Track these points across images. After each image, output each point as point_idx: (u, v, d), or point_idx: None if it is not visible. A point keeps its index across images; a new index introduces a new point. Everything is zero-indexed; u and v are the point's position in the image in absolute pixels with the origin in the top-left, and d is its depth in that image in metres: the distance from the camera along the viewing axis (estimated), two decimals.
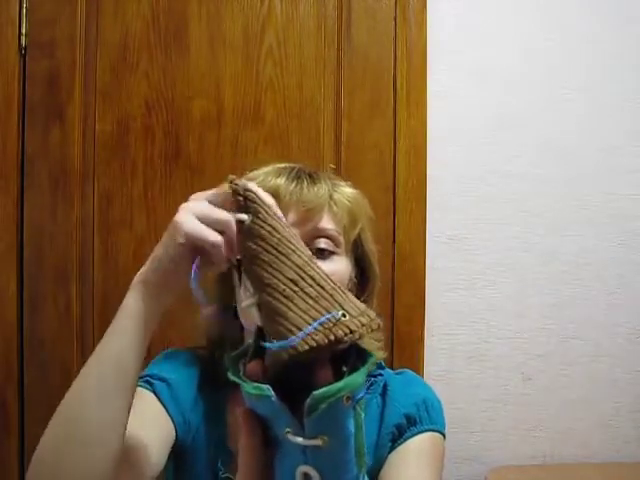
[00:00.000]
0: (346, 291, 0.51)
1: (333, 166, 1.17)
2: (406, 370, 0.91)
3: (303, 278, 0.49)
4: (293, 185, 0.76)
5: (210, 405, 0.81)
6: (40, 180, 1.30)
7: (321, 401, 0.43)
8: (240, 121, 1.31)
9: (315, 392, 0.43)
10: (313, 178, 0.78)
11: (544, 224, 1.33)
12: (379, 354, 0.83)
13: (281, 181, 0.76)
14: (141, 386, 0.79)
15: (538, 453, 1.33)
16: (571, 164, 1.34)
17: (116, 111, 1.30)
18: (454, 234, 1.32)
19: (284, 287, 0.48)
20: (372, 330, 0.48)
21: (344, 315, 0.47)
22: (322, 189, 0.77)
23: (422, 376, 1.27)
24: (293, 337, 0.46)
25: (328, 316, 0.47)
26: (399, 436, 0.80)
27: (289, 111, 1.31)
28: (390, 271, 1.28)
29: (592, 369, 1.34)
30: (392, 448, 0.79)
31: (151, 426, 0.73)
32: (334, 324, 0.46)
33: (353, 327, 0.47)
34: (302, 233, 0.73)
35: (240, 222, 0.52)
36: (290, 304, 0.47)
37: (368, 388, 0.83)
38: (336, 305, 0.48)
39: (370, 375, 0.85)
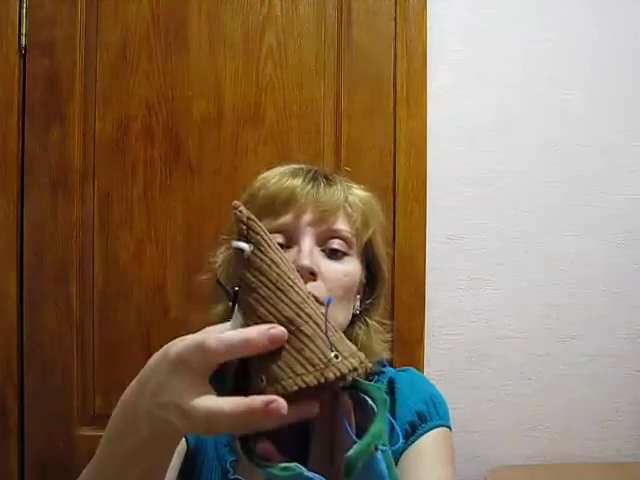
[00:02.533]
0: (338, 329, 0.50)
1: (349, 169, 1.17)
2: (410, 368, 0.92)
3: (300, 316, 0.48)
4: (309, 186, 0.77)
5: None
6: (40, 180, 1.30)
7: (356, 461, 0.44)
8: (240, 121, 1.31)
9: (348, 455, 0.44)
10: (329, 180, 0.79)
11: (544, 224, 1.33)
12: (385, 354, 0.84)
13: (297, 182, 0.77)
14: None
15: (538, 453, 1.33)
16: (571, 164, 1.34)
17: (116, 111, 1.30)
18: (454, 234, 1.32)
19: (280, 324, 0.48)
20: (361, 374, 0.48)
21: (336, 356, 0.47)
22: (338, 191, 0.78)
23: None
24: (283, 376, 0.45)
25: (321, 356, 0.46)
26: (412, 433, 0.81)
27: (289, 111, 1.31)
28: (390, 271, 1.27)
29: (592, 369, 1.34)
30: (406, 445, 0.80)
31: None
32: (326, 365, 0.46)
33: (344, 370, 0.46)
34: (317, 233, 0.75)
35: (240, 250, 0.51)
36: (285, 343, 0.47)
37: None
38: (329, 345, 0.47)
39: (373, 373, 0.86)
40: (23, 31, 1.29)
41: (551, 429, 1.33)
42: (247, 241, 0.51)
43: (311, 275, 0.72)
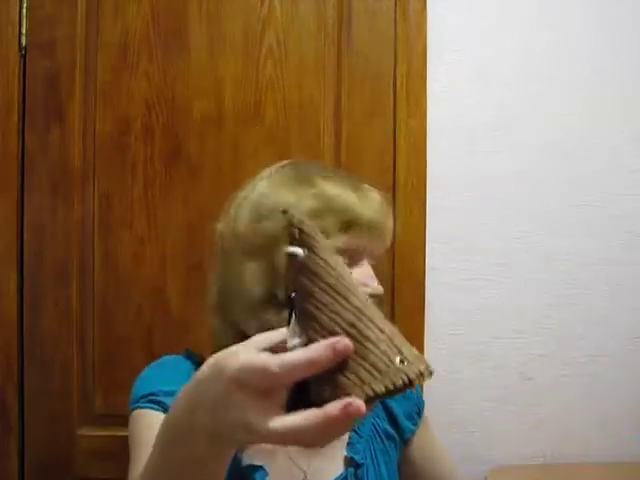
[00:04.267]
0: (400, 334, 0.47)
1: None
2: None
3: (362, 320, 0.45)
4: (383, 217, 0.80)
5: None
6: (40, 180, 1.30)
7: None
8: (240, 121, 1.31)
9: None
10: (389, 206, 0.83)
11: (544, 224, 1.33)
12: None
13: (382, 217, 0.80)
14: (148, 408, 0.78)
15: (538, 453, 1.33)
16: (571, 164, 1.33)
17: (116, 111, 1.30)
18: (454, 234, 1.32)
19: (342, 331, 0.45)
20: (429, 377, 0.45)
21: (402, 361, 0.44)
22: (391, 221, 0.83)
23: None
24: (350, 384, 0.43)
25: (387, 362, 0.44)
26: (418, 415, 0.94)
27: (289, 111, 1.31)
28: (390, 271, 1.28)
29: (592, 369, 1.33)
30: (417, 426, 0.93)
31: None
32: (393, 371, 0.43)
33: (412, 375, 0.43)
34: (374, 257, 0.82)
35: (293, 256, 0.49)
36: None
37: None
38: (395, 349, 0.44)
39: None
40: (23, 31, 1.29)
41: (551, 429, 1.33)
42: (300, 245, 0.49)
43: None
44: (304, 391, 0.45)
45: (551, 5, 1.34)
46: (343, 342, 0.43)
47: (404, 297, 1.29)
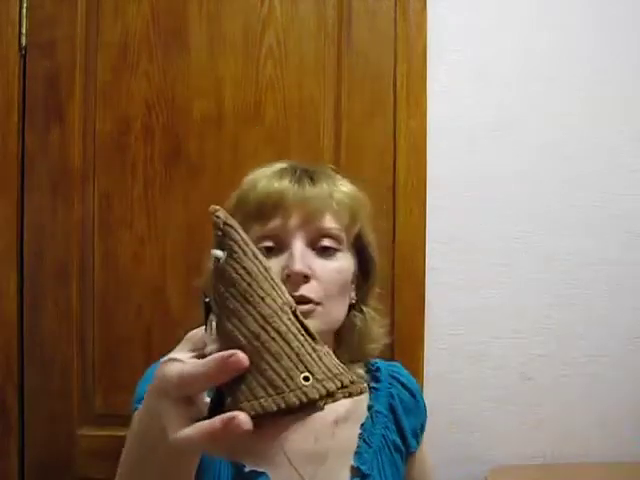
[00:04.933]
0: (320, 348, 0.45)
1: (332, 166, 1.17)
2: (396, 364, 0.97)
3: (267, 331, 0.43)
4: (295, 188, 0.78)
5: None
6: (40, 180, 1.30)
7: None
8: (240, 121, 1.31)
9: None
10: (314, 179, 0.80)
11: (544, 224, 1.33)
12: (383, 340, 0.88)
13: (284, 184, 0.78)
14: None
15: (538, 453, 1.33)
16: (571, 164, 1.33)
17: (116, 111, 1.30)
18: (454, 234, 1.32)
19: (245, 341, 0.43)
20: (340, 399, 0.43)
21: (306, 378, 0.42)
22: (323, 190, 0.79)
23: (422, 376, 1.28)
24: (242, 399, 0.42)
25: (285, 378, 0.41)
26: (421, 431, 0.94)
27: (289, 111, 1.31)
28: (390, 271, 1.28)
29: (592, 369, 1.33)
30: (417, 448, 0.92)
31: None
32: (290, 389, 0.41)
33: (312, 395, 0.41)
34: (306, 235, 0.77)
35: (216, 259, 0.47)
36: (250, 363, 0.42)
37: (374, 380, 0.90)
38: (300, 366, 0.42)
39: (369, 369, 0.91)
40: (23, 31, 1.29)
41: (551, 429, 1.33)
42: (222, 248, 0.47)
43: (305, 278, 0.75)
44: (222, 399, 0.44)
45: (551, 5, 1.34)
46: (237, 357, 0.42)
47: (404, 297, 1.29)
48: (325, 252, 0.78)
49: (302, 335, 0.44)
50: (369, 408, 0.86)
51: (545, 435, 1.33)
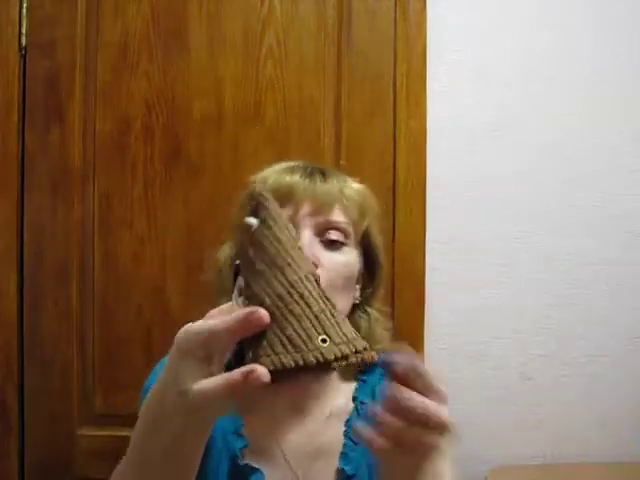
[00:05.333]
0: (338, 315, 0.48)
1: (343, 162, 1.18)
2: None
3: (291, 294, 0.47)
4: (307, 181, 0.80)
5: None
6: (40, 180, 1.30)
7: None
8: (240, 121, 1.31)
9: None
10: (325, 175, 0.83)
11: (544, 224, 1.33)
12: (387, 342, 0.87)
13: (295, 178, 0.80)
14: None
15: (538, 453, 1.33)
16: (571, 164, 1.33)
17: (116, 111, 1.30)
18: (454, 234, 1.32)
19: (269, 301, 0.47)
20: (354, 363, 0.46)
21: (324, 340, 0.45)
22: (333, 185, 0.82)
23: None
24: (262, 354, 0.45)
25: (305, 338, 0.45)
26: None
27: (289, 111, 1.31)
28: (390, 271, 1.28)
29: (592, 369, 1.33)
30: None
31: None
32: (309, 348, 0.44)
33: (329, 356, 0.44)
34: (315, 225, 0.79)
35: (248, 226, 0.51)
36: (272, 322, 0.46)
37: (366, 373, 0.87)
38: (319, 328, 0.46)
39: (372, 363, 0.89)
40: (23, 31, 1.29)
41: (551, 429, 1.33)
42: (255, 216, 0.51)
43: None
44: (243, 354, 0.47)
45: (551, 5, 1.34)
46: (259, 313, 0.45)
47: (404, 297, 1.29)
48: (332, 245, 0.79)
49: (323, 302, 0.48)
50: (354, 399, 0.84)
51: (545, 435, 1.33)
